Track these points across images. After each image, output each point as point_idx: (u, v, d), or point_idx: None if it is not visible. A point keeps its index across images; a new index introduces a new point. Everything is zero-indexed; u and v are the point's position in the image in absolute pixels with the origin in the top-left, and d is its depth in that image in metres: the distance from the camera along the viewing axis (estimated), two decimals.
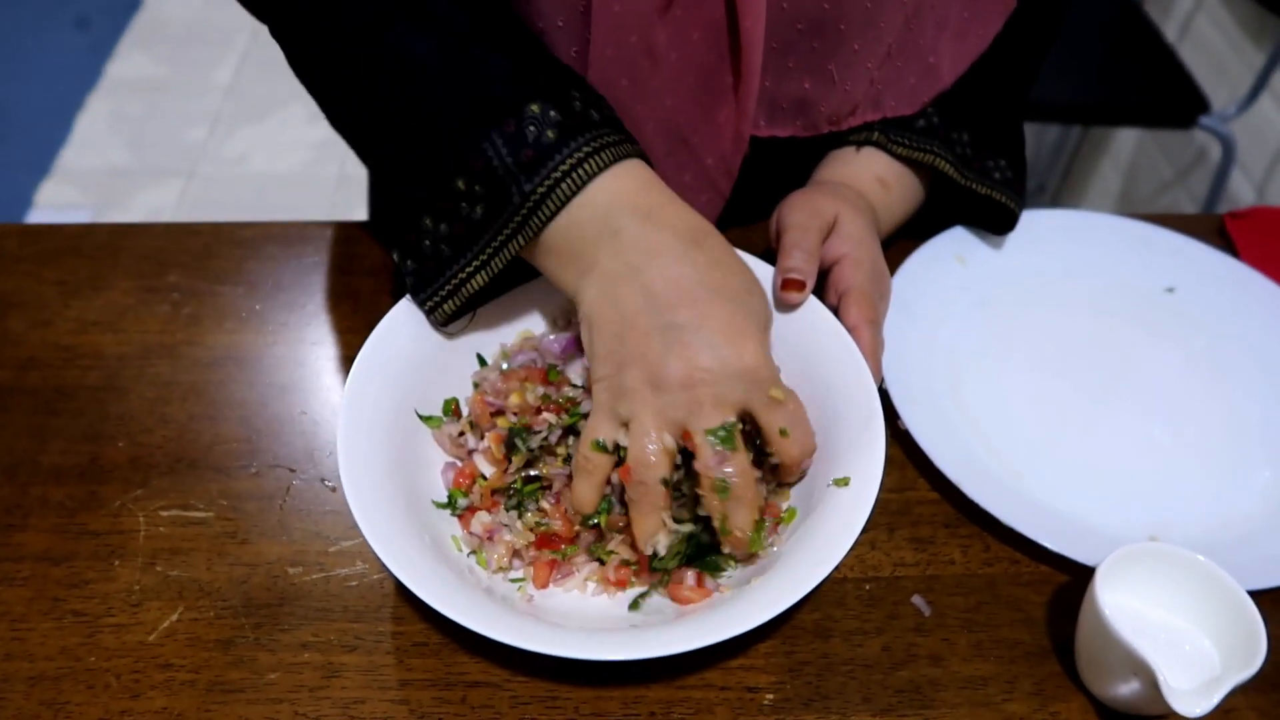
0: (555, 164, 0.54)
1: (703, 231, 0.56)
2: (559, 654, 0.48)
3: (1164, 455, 0.67)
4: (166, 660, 0.54)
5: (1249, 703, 0.55)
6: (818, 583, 0.50)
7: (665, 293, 0.53)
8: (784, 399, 0.54)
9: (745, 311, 0.54)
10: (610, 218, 0.55)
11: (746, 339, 0.53)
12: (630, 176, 0.56)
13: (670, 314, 0.53)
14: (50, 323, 0.71)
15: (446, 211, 0.58)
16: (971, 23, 0.71)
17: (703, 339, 0.52)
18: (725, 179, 0.72)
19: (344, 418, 0.55)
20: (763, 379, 0.53)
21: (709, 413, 0.52)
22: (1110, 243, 0.80)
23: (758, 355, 0.53)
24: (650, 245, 0.54)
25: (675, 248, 0.54)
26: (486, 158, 0.55)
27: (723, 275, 0.55)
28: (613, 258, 0.55)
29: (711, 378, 0.52)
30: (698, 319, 0.53)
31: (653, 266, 0.54)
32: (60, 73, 2.53)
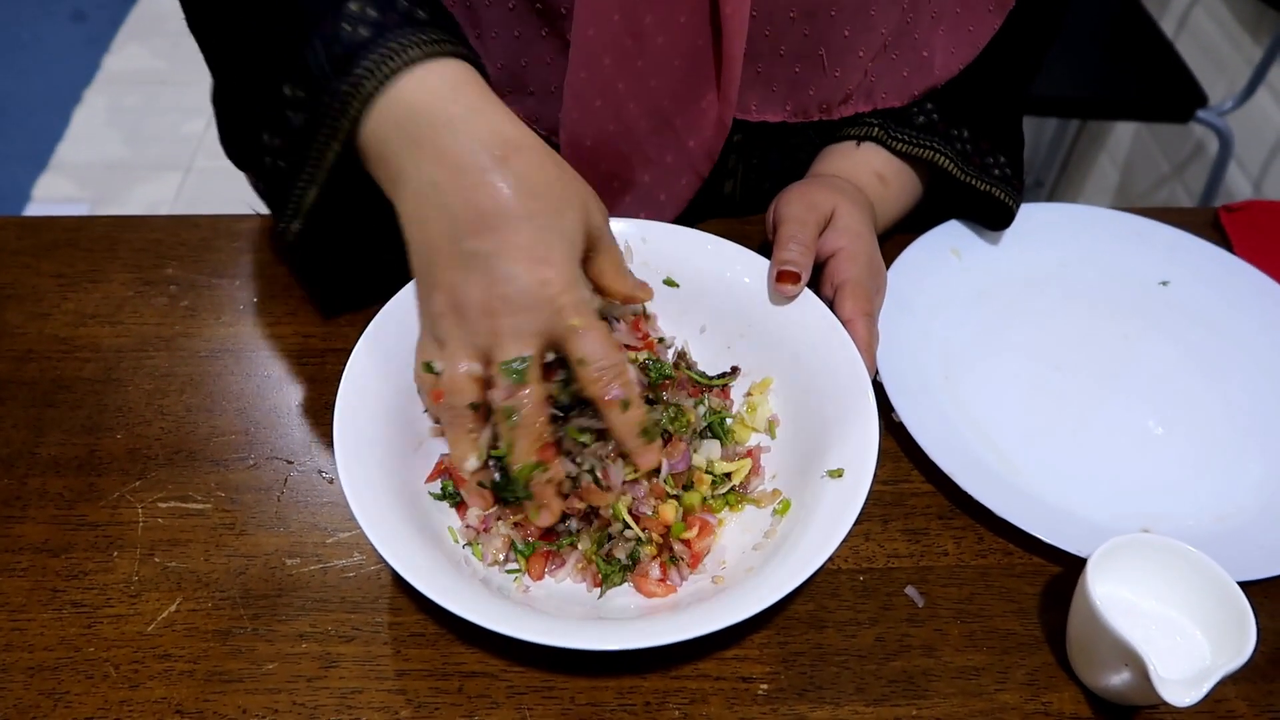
0: (362, 62, 0.52)
1: (511, 145, 0.52)
2: (555, 644, 0.48)
3: (1156, 447, 0.68)
4: (165, 650, 0.54)
5: (1238, 692, 0.55)
6: (811, 573, 0.50)
7: (466, 217, 0.51)
8: (582, 326, 0.52)
9: (552, 235, 0.51)
10: (412, 123, 0.52)
11: (548, 266, 0.51)
12: (438, 76, 0.53)
13: (472, 239, 0.51)
14: (48, 315, 0.71)
15: (275, 121, 0.56)
16: (965, 19, 0.71)
17: (502, 267, 0.50)
18: (706, 162, 0.72)
19: (340, 410, 0.56)
20: (562, 306, 0.51)
21: (508, 344, 0.51)
22: (1105, 236, 0.81)
23: (559, 281, 0.51)
24: (453, 160, 0.51)
25: (479, 166, 0.51)
26: (304, 59, 0.53)
27: (529, 197, 0.51)
28: (416, 170, 0.52)
29: (509, 308, 0.51)
30: (498, 245, 0.50)
31: (454, 186, 0.51)
32: (57, 66, 2.52)
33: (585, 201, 0.54)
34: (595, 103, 0.66)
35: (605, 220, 0.56)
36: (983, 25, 0.71)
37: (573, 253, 0.52)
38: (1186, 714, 0.54)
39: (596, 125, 0.67)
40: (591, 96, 0.66)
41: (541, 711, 0.53)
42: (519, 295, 0.50)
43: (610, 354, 0.52)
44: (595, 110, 0.67)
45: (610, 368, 0.52)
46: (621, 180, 0.72)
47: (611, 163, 0.70)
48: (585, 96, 0.66)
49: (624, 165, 0.71)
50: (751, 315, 0.65)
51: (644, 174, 0.72)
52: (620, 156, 0.70)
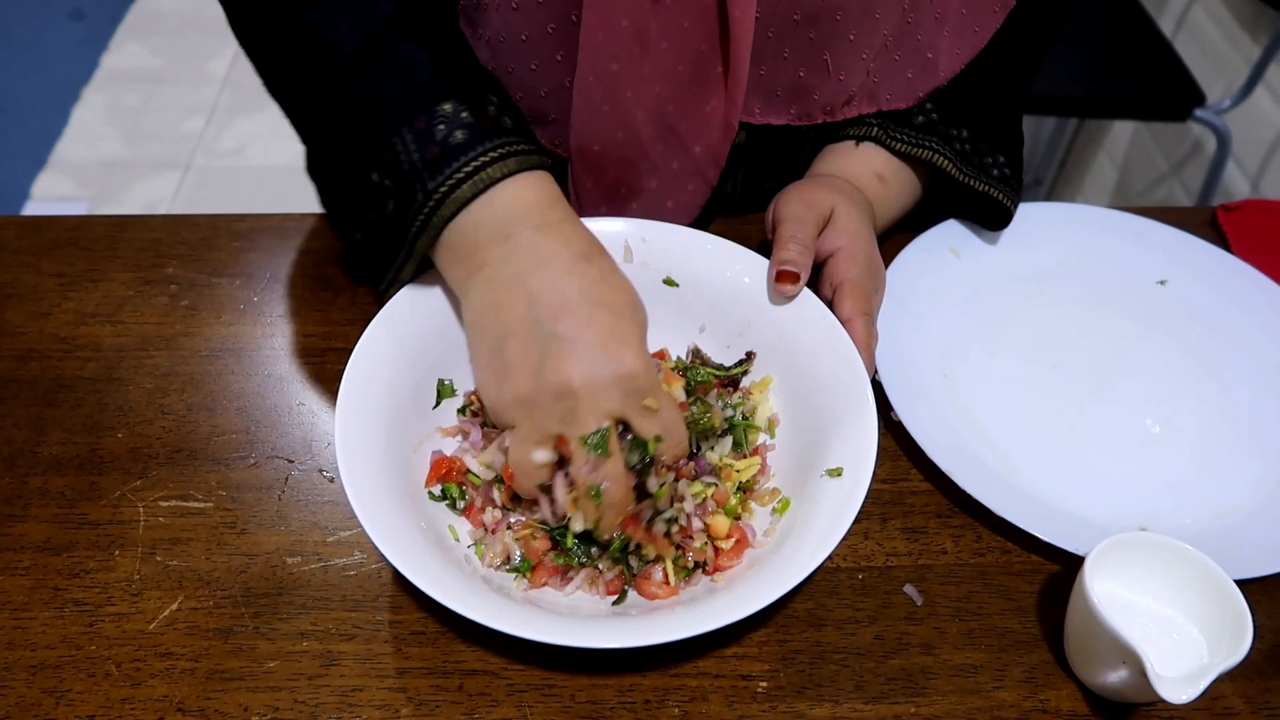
0: (459, 165, 0.55)
1: (594, 248, 0.57)
2: (556, 642, 0.48)
3: (1154, 446, 0.68)
4: (166, 649, 0.54)
5: (1235, 689, 0.56)
6: (810, 572, 0.51)
7: (549, 302, 0.54)
8: (658, 408, 0.54)
9: (627, 323, 0.54)
10: (507, 223, 0.56)
11: (625, 348, 0.53)
12: (532, 188, 0.57)
13: (551, 323, 0.53)
14: (48, 314, 0.71)
15: (367, 203, 0.58)
16: (969, 19, 0.71)
17: (580, 349, 0.53)
18: (713, 167, 0.72)
19: (341, 409, 0.56)
20: (639, 388, 0.53)
21: (586, 420, 0.53)
22: (1103, 235, 0.81)
23: (635, 364, 0.53)
24: (541, 254, 0.55)
25: (564, 259, 0.55)
26: (395, 152, 0.56)
27: (608, 290, 0.55)
28: (502, 262, 0.55)
29: (586, 388, 0.52)
30: (577, 329, 0.53)
31: (539, 275, 0.54)
32: (55, 64, 2.52)
33: (645, 312, 0.57)
34: (603, 108, 0.66)
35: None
36: (987, 26, 0.71)
37: (644, 341, 0.55)
38: (1184, 711, 0.55)
39: (604, 131, 0.68)
40: (599, 102, 0.66)
41: (542, 709, 0.53)
42: (597, 376, 0.52)
43: (684, 434, 0.56)
44: (603, 116, 0.67)
45: (681, 449, 0.56)
46: (629, 187, 0.72)
47: (618, 169, 0.70)
48: (593, 102, 0.66)
49: (630, 172, 0.71)
50: (751, 315, 0.65)
51: (650, 181, 0.72)
52: (627, 163, 0.70)
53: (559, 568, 0.56)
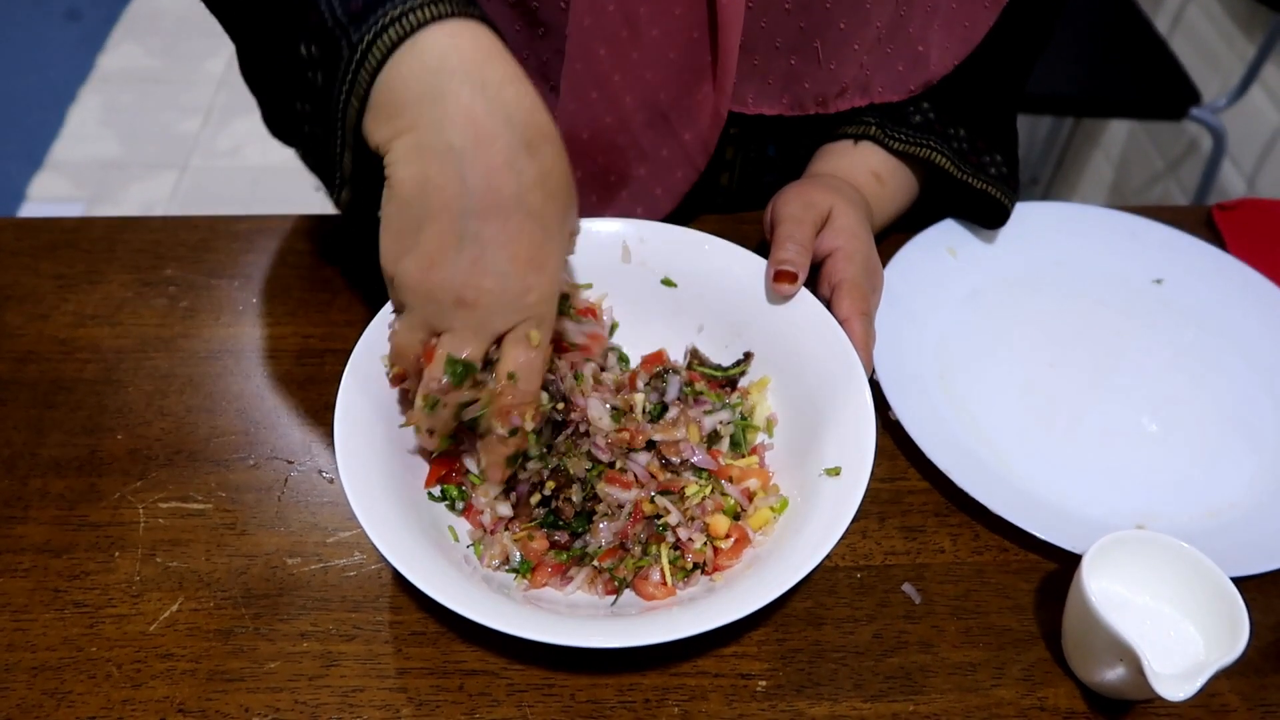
0: (384, 10, 0.48)
1: (539, 133, 0.49)
2: (556, 642, 0.49)
3: (1151, 444, 0.68)
4: (167, 650, 0.54)
5: (1232, 687, 0.56)
6: (808, 571, 0.51)
7: (481, 194, 0.48)
8: (536, 344, 0.51)
9: (553, 242, 0.50)
10: (439, 76, 0.48)
11: (541, 273, 0.50)
12: (468, 37, 0.49)
13: (477, 222, 0.48)
14: (47, 316, 0.71)
15: (301, 85, 0.53)
16: (960, 14, 0.71)
17: (498, 261, 0.49)
18: (702, 155, 0.72)
19: (341, 410, 0.56)
20: (532, 315, 0.51)
21: (465, 336, 0.50)
22: (1099, 235, 0.81)
23: (542, 290, 0.50)
24: (479, 129, 0.48)
25: (506, 144, 0.48)
26: (320, 13, 0.51)
27: (544, 196, 0.49)
28: (433, 127, 0.48)
29: (484, 302, 0.49)
30: (502, 236, 0.48)
31: (475, 157, 0.48)
32: (52, 65, 2.52)
33: (576, 211, 0.53)
34: (591, 94, 0.66)
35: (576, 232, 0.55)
36: (978, 21, 0.72)
37: (562, 260, 0.52)
38: (1181, 708, 0.55)
39: (592, 118, 0.68)
40: (587, 88, 0.66)
41: (542, 709, 0.53)
42: (500, 293, 0.49)
43: (535, 385, 0.53)
44: (591, 102, 0.67)
45: (528, 396, 0.53)
46: (617, 174, 0.72)
47: (607, 156, 0.70)
48: (581, 88, 0.66)
49: (619, 159, 0.71)
50: (749, 315, 0.65)
51: (639, 168, 0.72)
52: (616, 150, 0.70)
53: (559, 566, 0.56)
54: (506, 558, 0.57)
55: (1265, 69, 1.55)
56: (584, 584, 0.56)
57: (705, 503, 0.57)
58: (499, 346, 0.52)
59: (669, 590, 0.56)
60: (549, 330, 0.52)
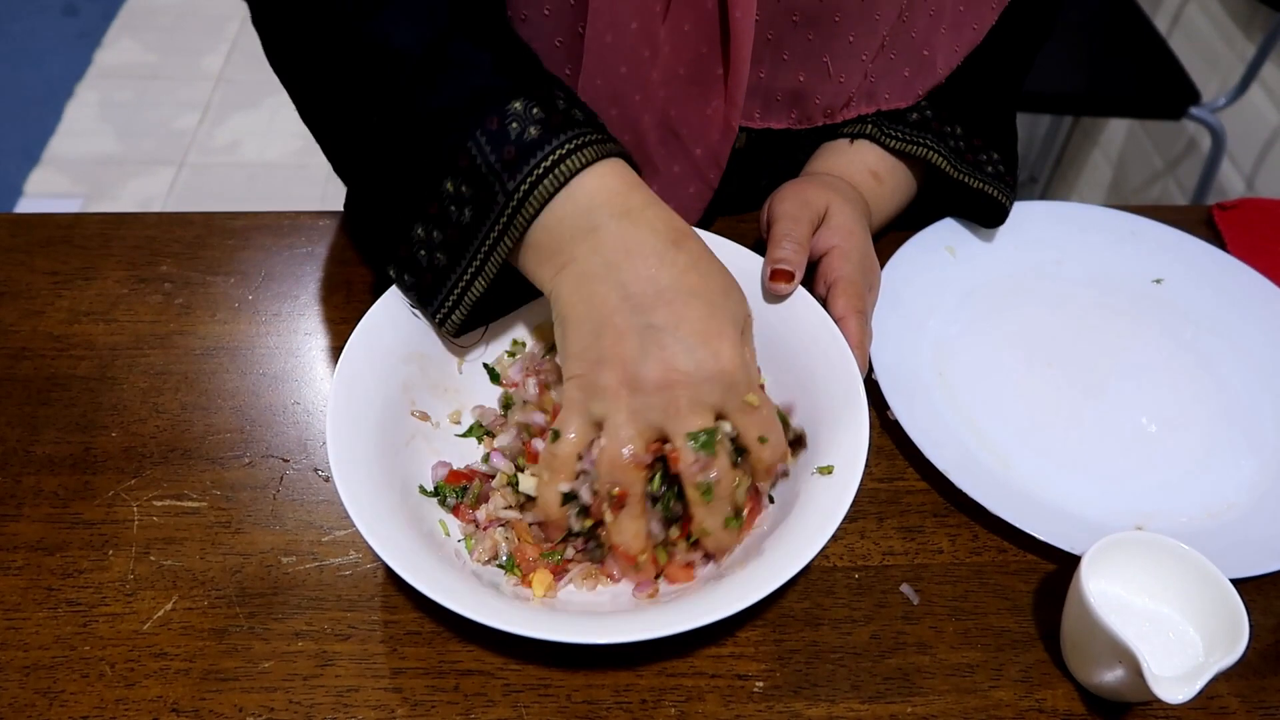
0: (538, 161, 0.53)
1: (682, 234, 0.55)
2: (550, 638, 0.48)
3: (1150, 445, 0.68)
4: (161, 649, 0.54)
5: (1231, 689, 0.56)
6: (800, 568, 0.51)
7: (642, 293, 0.52)
8: (759, 405, 0.54)
9: (722, 314, 0.53)
10: (590, 215, 0.54)
11: (723, 341, 0.52)
12: (612, 175, 0.55)
13: (647, 314, 0.52)
14: (42, 312, 0.71)
15: (436, 216, 0.57)
16: (967, 15, 0.71)
17: (679, 341, 0.52)
18: (714, 169, 0.72)
19: (333, 407, 0.56)
20: (738, 383, 0.53)
21: (686, 416, 0.52)
22: (1099, 234, 0.81)
23: (734, 359, 0.52)
24: (628, 244, 0.53)
25: (653, 247, 0.53)
26: (471, 156, 0.54)
27: (700, 277, 0.54)
28: (590, 255, 0.54)
29: (688, 380, 0.51)
30: (674, 321, 0.52)
31: (630, 266, 0.53)
32: (49, 60, 2.51)
33: (741, 293, 0.56)
34: (610, 112, 0.66)
35: (750, 321, 0.57)
36: (986, 21, 0.71)
37: (739, 331, 0.54)
38: (1180, 711, 0.55)
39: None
40: (606, 106, 0.65)
41: (538, 709, 0.53)
42: (697, 369, 0.51)
43: (781, 435, 0.55)
44: (610, 120, 0.66)
45: (784, 448, 0.56)
46: None
47: None
48: (600, 106, 0.65)
49: None
50: None
51: (652, 184, 0.71)
52: None
53: (555, 567, 0.56)
54: (496, 553, 0.56)
55: (1265, 68, 1.55)
56: (577, 579, 0.56)
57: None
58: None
59: (689, 573, 0.56)
60: (761, 391, 0.55)
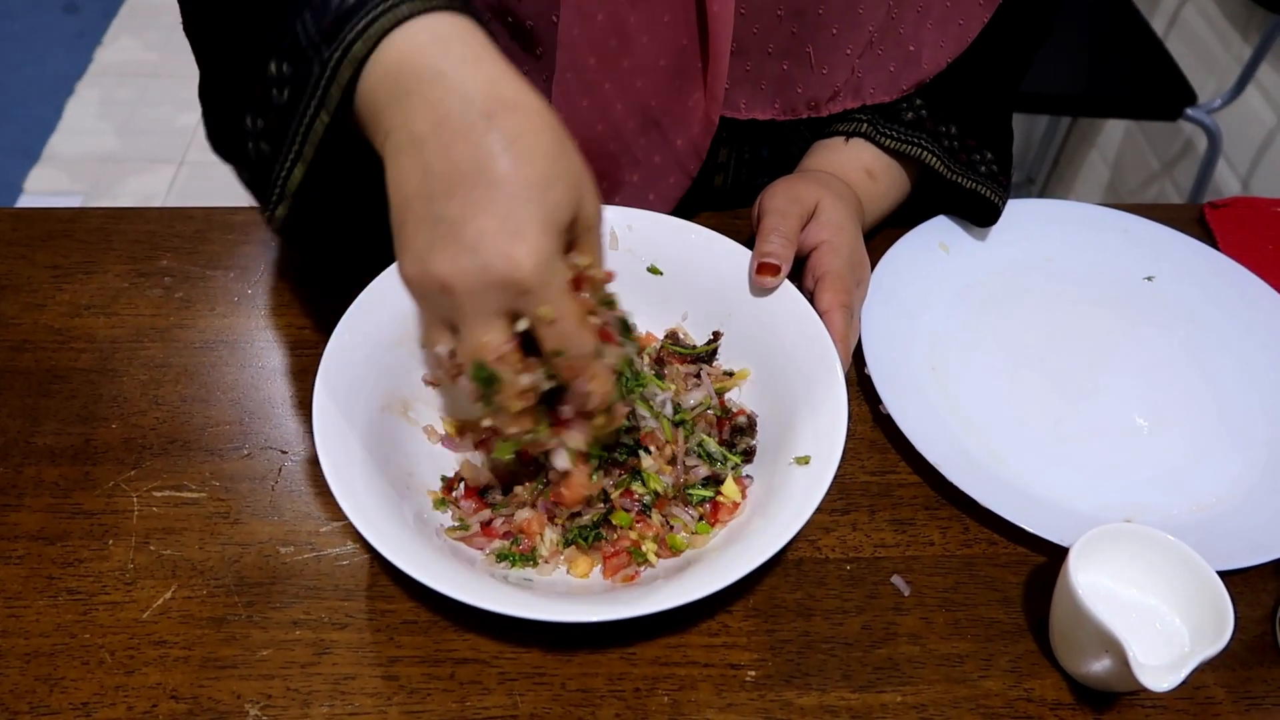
0: (353, 24, 0.48)
1: (504, 103, 0.47)
2: (539, 618, 0.49)
3: (1139, 439, 0.69)
4: (160, 637, 0.55)
5: (1217, 679, 0.56)
6: (773, 554, 0.51)
7: (441, 173, 0.46)
8: (553, 318, 0.47)
9: (528, 208, 0.46)
10: (400, 78, 0.48)
11: (518, 241, 0.45)
12: (428, 31, 0.48)
13: (442, 202, 0.46)
14: (43, 306, 0.71)
15: (259, 102, 0.53)
16: (954, 11, 0.71)
17: (465, 239, 0.45)
18: (694, 160, 0.72)
19: (319, 394, 0.56)
20: (531, 290, 0.46)
21: (473, 324, 0.47)
22: (1091, 232, 0.81)
23: (528, 261, 0.45)
24: (438, 114, 0.47)
25: (462, 120, 0.46)
26: (294, 34, 0.51)
27: (512, 161, 0.46)
28: (401, 125, 0.48)
29: (468, 285, 0.46)
30: (466, 212, 0.45)
31: (435, 140, 0.46)
32: (49, 58, 2.52)
33: (579, 184, 0.49)
34: (582, 103, 0.67)
35: (599, 215, 0.51)
36: (972, 19, 0.72)
37: (550, 230, 0.47)
38: (1166, 700, 0.55)
39: (584, 126, 0.68)
40: (578, 96, 0.66)
41: (533, 697, 0.53)
42: (482, 271, 0.45)
43: (582, 342, 0.48)
44: (582, 110, 0.67)
45: (583, 359, 0.49)
46: (610, 180, 0.72)
47: (600, 163, 0.71)
48: (572, 97, 0.66)
49: (612, 165, 0.71)
50: (732, 305, 0.66)
51: (632, 174, 0.72)
52: (609, 157, 0.70)
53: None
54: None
55: (1261, 70, 1.56)
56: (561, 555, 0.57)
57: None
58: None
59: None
60: (561, 298, 0.47)
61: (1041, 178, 2.14)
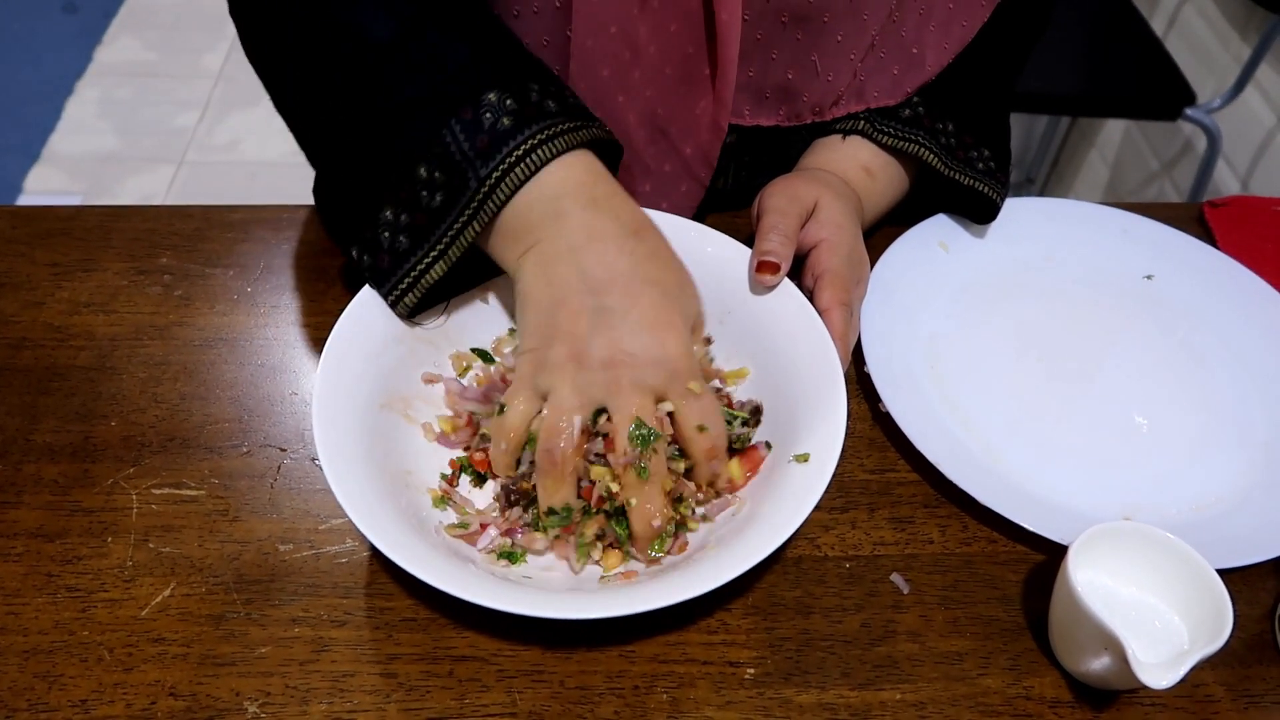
0: (509, 150, 0.55)
1: (643, 225, 0.58)
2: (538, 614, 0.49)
3: (1139, 438, 0.69)
4: (159, 634, 0.55)
5: (1216, 678, 0.56)
6: (770, 552, 0.52)
7: (599, 276, 0.55)
8: (700, 393, 0.55)
9: (674, 305, 0.56)
10: (557, 201, 0.56)
11: (670, 330, 0.55)
12: (581, 166, 0.57)
13: (602, 296, 0.55)
14: (42, 303, 0.71)
15: (406, 200, 0.58)
16: (957, 13, 0.71)
17: (629, 324, 0.54)
18: (704, 168, 0.72)
19: (319, 391, 0.56)
20: (681, 370, 0.55)
21: (627, 394, 0.54)
22: (1090, 230, 0.81)
23: (679, 347, 0.55)
24: (592, 230, 0.56)
25: (615, 235, 0.56)
26: (445, 144, 0.56)
27: (657, 268, 0.56)
28: (554, 239, 0.56)
29: (632, 362, 0.54)
30: (626, 305, 0.54)
31: (591, 250, 0.55)
32: (48, 58, 2.52)
33: (696, 289, 0.59)
34: (595, 114, 0.67)
35: (703, 318, 0.60)
36: (975, 19, 0.72)
37: (688, 326, 0.56)
38: (1165, 698, 0.55)
39: None
40: (591, 108, 0.66)
41: (531, 695, 0.53)
42: (643, 351, 0.54)
43: (722, 426, 0.57)
44: None
45: (722, 442, 0.57)
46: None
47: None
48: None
49: (624, 176, 0.71)
50: (731, 303, 0.66)
51: (644, 184, 0.73)
52: (621, 168, 0.70)
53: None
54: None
55: (1260, 70, 1.56)
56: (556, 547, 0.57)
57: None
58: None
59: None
60: (703, 380, 0.56)
61: (1041, 177, 2.14)
